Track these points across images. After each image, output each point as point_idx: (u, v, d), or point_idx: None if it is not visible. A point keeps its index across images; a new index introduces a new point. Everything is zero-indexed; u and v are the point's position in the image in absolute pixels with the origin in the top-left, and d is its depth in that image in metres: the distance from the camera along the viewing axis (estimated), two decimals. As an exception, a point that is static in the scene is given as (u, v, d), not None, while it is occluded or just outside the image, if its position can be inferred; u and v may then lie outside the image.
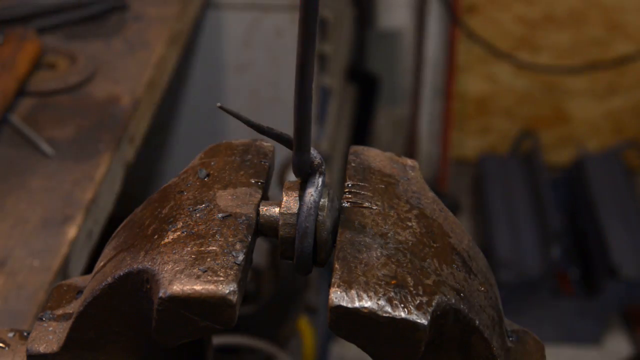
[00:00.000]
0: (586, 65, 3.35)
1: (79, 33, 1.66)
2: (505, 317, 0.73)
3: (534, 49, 3.49)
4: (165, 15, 1.71)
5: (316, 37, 0.60)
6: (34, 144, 1.35)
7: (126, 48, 1.62)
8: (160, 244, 0.68)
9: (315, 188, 0.68)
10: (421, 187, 0.75)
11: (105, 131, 1.40)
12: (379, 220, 0.69)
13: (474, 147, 3.74)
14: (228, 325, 0.64)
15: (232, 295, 0.63)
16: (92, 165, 1.32)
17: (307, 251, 0.67)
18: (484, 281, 0.71)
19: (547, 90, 3.59)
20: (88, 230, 1.25)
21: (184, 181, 0.74)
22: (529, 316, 2.96)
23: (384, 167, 0.76)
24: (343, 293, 0.63)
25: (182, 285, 0.63)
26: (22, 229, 1.20)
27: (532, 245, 3.05)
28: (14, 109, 1.43)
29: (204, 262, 0.65)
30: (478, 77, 3.59)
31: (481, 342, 0.67)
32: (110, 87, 1.51)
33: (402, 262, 0.66)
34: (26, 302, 1.09)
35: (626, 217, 3.06)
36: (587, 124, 3.64)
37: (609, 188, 3.20)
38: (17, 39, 1.50)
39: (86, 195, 1.26)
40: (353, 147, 0.78)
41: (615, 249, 2.93)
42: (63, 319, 0.73)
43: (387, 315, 0.62)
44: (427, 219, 0.71)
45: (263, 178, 0.74)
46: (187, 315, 0.64)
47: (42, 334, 0.72)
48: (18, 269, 1.14)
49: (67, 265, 1.17)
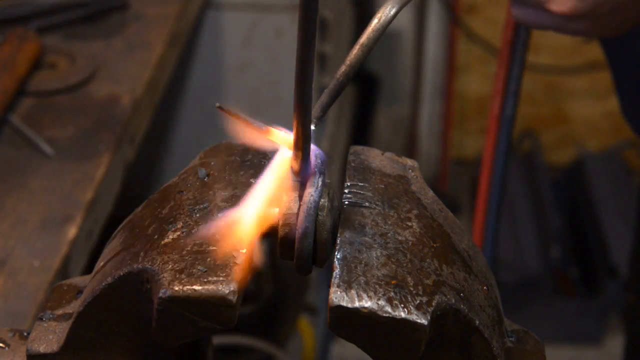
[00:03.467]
0: (586, 65, 3.35)
1: (79, 33, 1.66)
2: (505, 317, 0.74)
3: (534, 49, 3.47)
4: (165, 15, 1.71)
5: (316, 37, 0.60)
6: (34, 144, 1.35)
7: (126, 48, 1.62)
8: (160, 244, 0.68)
9: (315, 188, 0.68)
10: (421, 187, 0.75)
11: (105, 131, 1.40)
12: (379, 220, 0.69)
13: (474, 147, 3.73)
14: (228, 325, 0.64)
15: (232, 295, 0.63)
16: (92, 165, 1.32)
17: (307, 251, 0.67)
18: (484, 281, 0.71)
19: (547, 90, 3.59)
20: (88, 230, 1.25)
21: (184, 181, 0.74)
22: (529, 316, 2.96)
23: (384, 167, 0.76)
24: (343, 293, 0.63)
25: (182, 285, 0.63)
26: (22, 229, 1.20)
27: (532, 245, 3.05)
28: (14, 109, 1.43)
29: (204, 262, 0.65)
30: (478, 77, 3.59)
31: (481, 342, 0.67)
32: (110, 87, 1.51)
33: (402, 262, 0.66)
34: (26, 302, 1.09)
35: (626, 217, 3.06)
36: (587, 124, 3.64)
37: (609, 188, 3.19)
38: (17, 39, 1.50)
39: (86, 195, 1.26)
40: (353, 147, 0.78)
41: (615, 249, 2.93)
42: (63, 319, 0.73)
43: (387, 315, 0.62)
44: (427, 219, 0.71)
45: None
46: (187, 315, 0.64)
47: (42, 334, 0.72)
48: (18, 269, 1.14)
49: (67, 265, 1.17)
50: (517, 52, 1.28)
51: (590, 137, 3.65)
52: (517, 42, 1.27)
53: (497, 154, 1.32)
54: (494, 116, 1.31)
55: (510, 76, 1.29)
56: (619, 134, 3.55)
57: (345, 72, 0.75)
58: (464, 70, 3.58)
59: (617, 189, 3.20)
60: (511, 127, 1.32)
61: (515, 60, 1.28)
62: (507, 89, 1.29)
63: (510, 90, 1.29)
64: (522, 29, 1.26)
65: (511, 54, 1.27)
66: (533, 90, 3.58)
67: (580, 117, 3.63)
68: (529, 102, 3.60)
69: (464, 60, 3.55)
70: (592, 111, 3.60)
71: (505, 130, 1.31)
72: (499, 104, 1.30)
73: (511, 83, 1.29)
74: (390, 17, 0.76)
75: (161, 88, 1.62)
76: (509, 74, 1.29)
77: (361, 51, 0.75)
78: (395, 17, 0.76)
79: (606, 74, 1.29)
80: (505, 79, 1.29)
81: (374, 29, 0.76)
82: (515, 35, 1.26)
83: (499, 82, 1.29)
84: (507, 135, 1.31)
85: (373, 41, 0.76)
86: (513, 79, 1.29)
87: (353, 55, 0.75)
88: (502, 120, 1.31)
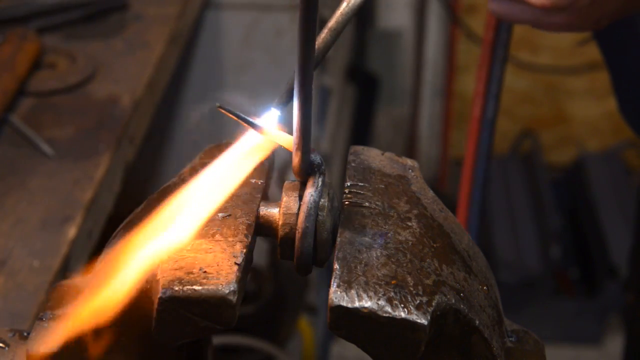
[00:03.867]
0: (586, 65, 3.35)
1: (78, 33, 1.66)
2: (505, 317, 0.74)
3: (534, 49, 3.49)
4: (165, 15, 1.71)
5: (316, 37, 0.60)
6: (34, 144, 1.35)
7: (126, 48, 1.62)
8: (160, 244, 0.67)
9: (315, 188, 0.68)
10: (421, 187, 0.75)
11: (105, 131, 1.40)
12: (379, 220, 0.69)
13: (474, 147, 3.73)
14: (228, 325, 0.64)
15: (232, 295, 0.63)
16: (92, 165, 1.32)
17: (307, 251, 0.67)
18: (484, 281, 0.71)
19: (547, 90, 3.59)
20: (88, 230, 1.25)
21: (183, 181, 0.74)
22: (529, 316, 2.96)
23: (384, 167, 0.76)
24: (343, 293, 0.63)
25: (182, 285, 0.63)
26: (22, 229, 1.20)
27: (532, 245, 3.05)
28: (14, 109, 1.43)
29: (204, 262, 0.65)
30: (478, 77, 3.59)
31: (481, 342, 0.67)
32: (110, 87, 1.51)
33: (402, 262, 0.66)
34: (26, 302, 1.09)
35: (626, 217, 3.06)
36: (587, 124, 3.64)
37: (609, 188, 3.19)
38: (17, 39, 1.50)
39: (86, 195, 1.26)
40: (353, 147, 0.78)
41: (615, 249, 2.93)
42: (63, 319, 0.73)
43: (387, 315, 0.62)
44: (427, 219, 0.71)
45: (263, 178, 0.74)
46: (187, 315, 0.64)
47: (42, 334, 0.72)
48: (18, 269, 1.14)
49: (67, 265, 1.17)
50: (498, 54, 1.26)
51: (590, 137, 3.65)
52: (498, 44, 1.26)
53: (479, 157, 1.32)
54: (476, 118, 1.30)
55: (492, 78, 1.28)
56: (619, 134, 3.55)
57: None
58: (464, 70, 3.58)
59: (617, 189, 3.20)
60: (492, 129, 1.31)
61: (496, 62, 1.27)
62: (488, 91, 1.28)
63: (492, 92, 1.28)
64: (503, 30, 1.25)
65: (492, 55, 1.26)
66: (533, 90, 3.58)
67: (580, 117, 3.63)
68: (529, 102, 3.60)
69: (464, 60, 3.55)
70: (592, 111, 3.60)
71: (486, 132, 1.30)
72: (480, 106, 1.29)
73: (492, 85, 1.28)
74: (360, 1, 0.75)
75: (161, 88, 1.62)
76: (490, 75, 1.27)
77: (329, 35, 0.74)
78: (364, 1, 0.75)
79: (606, 74, 1.29)
80: (486, 81, 1.28)
81: (343, 12, 0.75)
82: (496, 37, 1.25)
83: (480, 84, 1.28)
84: (489, 137, 1.30)
85: (342, 25, 0.74)
86: (494, 81, 1.28)
87: (321, 39, 0.74)
88: (483, 123, 1.30)
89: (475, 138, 1.31)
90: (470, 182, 1.33)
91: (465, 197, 1.34)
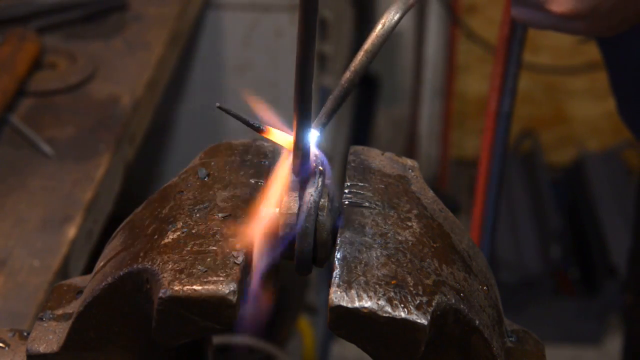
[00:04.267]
0: (586, 65, 3.35)
1: (79, 33, 1.66)
2: (505, 317, 0.74)
3: (534, 49, 3.49)
4: (165, 15, 1.71)
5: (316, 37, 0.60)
6: (34, 144, 1.35)
7: (126, 48, 1.62)
8: (160, 244, 0.68)
9: (315, 188, 0.68)
10: (421, 187, 0.75)
11: (105, 131, 1.40)
12: (379, 220, 0.69)
13: (474, 147, 3.73)
14: (228, 325, 0.64)
15: (232, 295, 0.63)
16: (92, 165, 1.32)
17: (307, 251, 0.68)
18: (484, 281, 0.71)
19: (547, 90, 3.59)
20: (88, 230, 1.25)
21: (184, 181, 0.74)
22: (529, 316, 2.96)
23: (383, 167, 0.76)
24: (343, 293, 0.63)
25: (182, 285, 0.63)
26: (22, 229, 1.20)
27: (532, 245, 3.05)
28: (13, 109, 1.43)
29: (204, 262, 0.65)
30: (478, 77, 3.59)
31: (481, 342, 0.67)
32: (110, 87, 1.51)
33: (402, 262, 0.66)
34: (26, 302, 1.09)
35: (626, 217, 3.06)
36: (587, 124, 3.64)
37: (609, 188, 3.19)
38: (17, 39, 1.50)
39: (86, 195, 1.26)
40: (353, 147, 0.78)
41: (615, 249, 2.93)
42: (63, 319, 0.73)
43: (387, 315, 0.62)
44: (427, 219, 0.71)
45: (263, 178, 0.74)
46: (187, 315, 0.64)
47: (42, 334, 0.72)
48: (18, 269, 1.14)
49: (67, 265, 1.17)
50: (514, 49, 1.28)
51: (590, 137, 3.65)
52: (514, 40, 1.27)
53: (495, 151, 1.32)
54: (491, 113, 1.31)
55: (507, 73, 1.29)
56: (618, 134, 3.55)
57: (349, 79, 0.76)
58: (464, 70, 3.58)
59: (617, 189, 3.20)
60: (509, 124, 1.32)
61: (512, 57, 1.28)
62: (504, 86, 1.29)
63: (508, 87, 1.30)
64: (518, 26, 1.26)
65: (508, 51, 1.28)
66: (533, 90, 3.58)
67: (580, 117, 3.63)
68: (529, 102, 3.60)
69: (464, 60, 3.55)
70: (592, 111, 3.60)
71: (502, 127, 1.31)
72: (496, 101, 1.30)
73: (508, 80, 1.29)
74: (394, 23, 0.77)
75: (161, 88, 1.62)
76: (505, 71, 1.29)
77: (365, 57, 0.76)
78: (399, 22, 0.76)
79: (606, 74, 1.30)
80: (502, 76, 1.29)
81: (378, 34, 0.76)
82: (512, 33, 1.27)
83: (495, 79, 1.30)
84: (505, 132, 1.31)
85: (377, 47, 0.76)
86: (510, 76, 1.29)
87: (357, 61, 0.75)
88: (499, 117, 1.31)
89: (491, 133, 1.31)
90: (486, 178, 1.33)
91: (481, 194, 1.34)
